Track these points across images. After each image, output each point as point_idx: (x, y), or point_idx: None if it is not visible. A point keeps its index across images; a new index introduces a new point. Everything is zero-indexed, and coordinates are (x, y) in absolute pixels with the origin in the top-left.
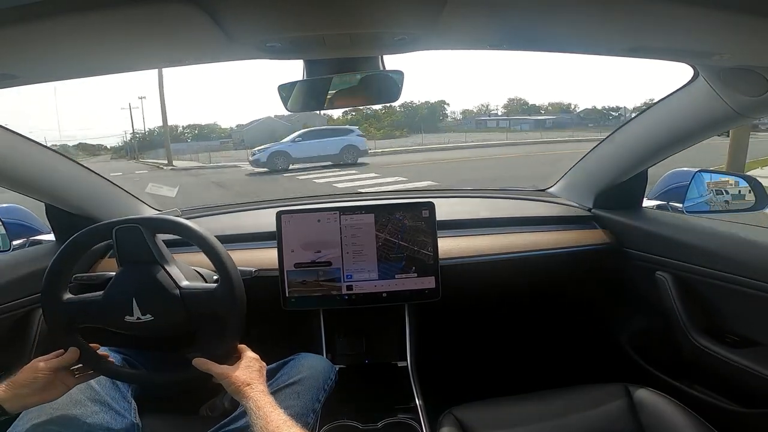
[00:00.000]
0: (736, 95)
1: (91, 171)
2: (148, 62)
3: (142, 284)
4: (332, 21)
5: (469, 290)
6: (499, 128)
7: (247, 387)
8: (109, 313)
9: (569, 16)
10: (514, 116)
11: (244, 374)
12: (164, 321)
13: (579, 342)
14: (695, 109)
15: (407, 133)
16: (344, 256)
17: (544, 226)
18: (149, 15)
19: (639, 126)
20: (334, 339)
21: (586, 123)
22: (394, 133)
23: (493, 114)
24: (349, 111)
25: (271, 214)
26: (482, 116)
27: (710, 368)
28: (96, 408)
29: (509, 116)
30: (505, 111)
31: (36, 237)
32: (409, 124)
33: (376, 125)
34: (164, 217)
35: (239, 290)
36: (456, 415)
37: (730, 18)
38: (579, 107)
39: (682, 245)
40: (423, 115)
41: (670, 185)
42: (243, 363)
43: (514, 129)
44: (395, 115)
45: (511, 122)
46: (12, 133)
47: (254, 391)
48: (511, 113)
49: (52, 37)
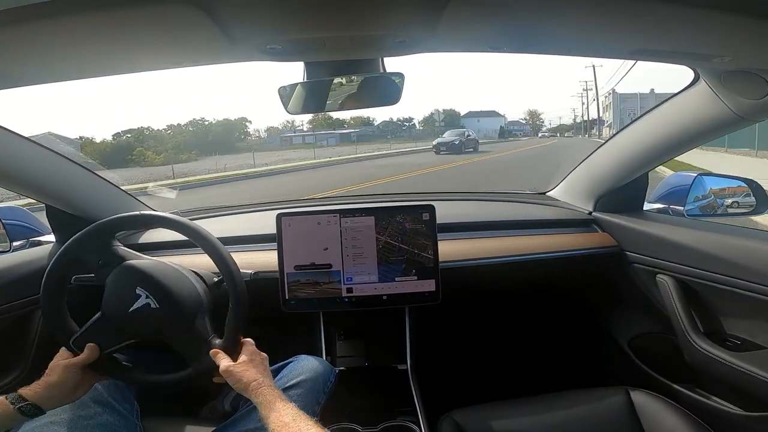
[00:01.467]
0: (737, 98)
1: (91, 172)
2: (148, 64)
3: (147, 271)
4: (333, 23)
5: (470, 293)
6: (305, 144)
7: (254, 383)
8: (110, 304)
9: (571, 18)
10: (320, 131)
11: (250, 372)
12: (169, 303)
13: (579, 345)
14: (696, 112)
15: (197, 156)
16: (344, 258)
17: (545, 230)
18: (150, 17)
19: (639, 129)
20: (334, 341)
21: (385, 135)
22: (180, 156)
23: (299, 130)
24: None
25: (271, 216)
26: (287, 132)
27: (711, 371)
28: (99, 409)
29: (315, 131)
30: (310, 126)
31: (36, 238)
32: (199, 144)
33: (155, 148)
34: (167, 216)
35: (241, 287)
36: (455, 419)
37: (731, 20)
38: (377, 120)
39: (683, 248)
40: (217, 133)
41: (671, 188)
42: (247, 359)
43: (320, 144)
44: (182, 135)
45: (317, 137)
46: (11, 134)
47: (262, 386)
48: (316, 128)
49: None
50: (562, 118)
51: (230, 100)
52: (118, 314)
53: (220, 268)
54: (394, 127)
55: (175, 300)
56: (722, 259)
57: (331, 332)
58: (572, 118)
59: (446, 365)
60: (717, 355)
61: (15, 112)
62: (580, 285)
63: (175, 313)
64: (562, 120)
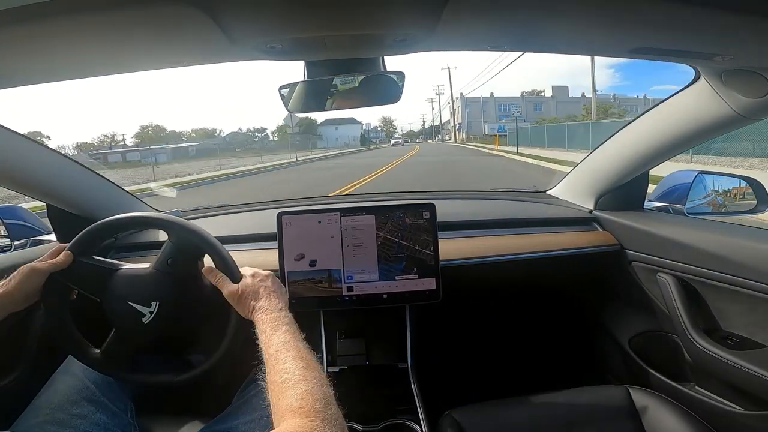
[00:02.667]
0: (738, 96)
1: (92, 171)
2: (148, 63)
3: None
4: (333, 22)
5: (470, 292)
6: (127, 162)
7: (253, 313)
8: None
9: (571, 17)
10: (147, 146)
11: (246, 301)
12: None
13: (579, 343)
14: (696, 110)
15: None
16: (345, 257)
17: (545, 228)
18: (151, 17)
19: (640, 127)
20: (334, 340)
21: (233, 147)
22: None
23: (121, 145)
24: None
25: (271, 215)
26: (101, 150)
27: (711, 370)
28: (93, 408)
29: (140, 146)
30: (137, 141)
31: (38, 237)
32: None
33: None
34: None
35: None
36: (455, 417)
37: (732, 19)
38: (225, 131)
39: (684, 247)
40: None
41: (671, 187)
42: (244, 282)
43: (146, 162)
44: None
45: (142, 153)
46: (13, 133)
47: (257, 312)
48: (144, 143)
49: (55, 38)
50: (412, 124)
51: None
52: (128, 327)
53: (220, 267)
54: (244, 138)
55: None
56: (723, 257)
57: (331, 331)
58: (422, 123)
59: (447, 364)
60: (717, 353)
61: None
62: (581, 283)
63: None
64: (412, 126)
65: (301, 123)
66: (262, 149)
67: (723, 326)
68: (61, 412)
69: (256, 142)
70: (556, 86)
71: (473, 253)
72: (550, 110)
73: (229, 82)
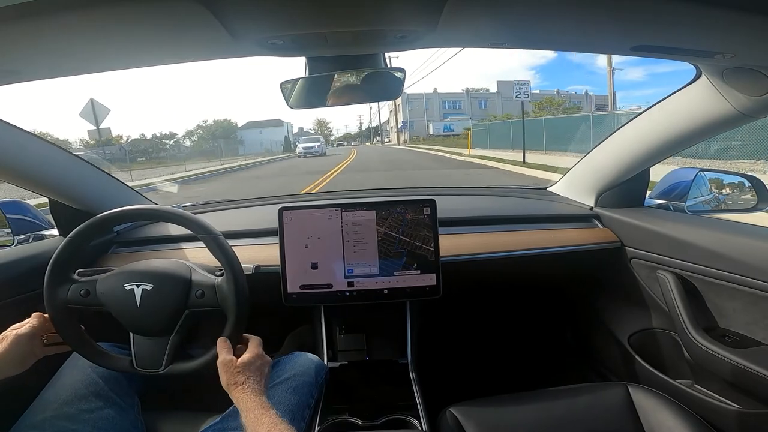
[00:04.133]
0: (739, 95)
1: (94, 166)
2: (149, 59)
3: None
4: (335, 18)
5: (470, 288)
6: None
7: (233, 386)
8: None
9: (572, 14)
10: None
11: (243, 374)
12: (166, 290)
13: (579, 340)
14: (697, 108)
15: None
16: (345, 252)
17: (546, 225)
18: (152, 12)
19: (641, 125)
20: (335, 335)
21: (135, 157)
22: None
23: None
24: None
25: (272, 210)
26: None
27: (710, 368)
28: (100, 403)
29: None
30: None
31: (40, 232)
32: None
33: None
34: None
35: (243, 282)
36: (455, 413)
37: (733, 17)
38: (129, 137)
39: (684, 244)
40: None
41: (672, 184)
42: (247, 360)
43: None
44: None
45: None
46: (14, 128)
47: (244, 391)
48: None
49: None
50: (348, 126)
51: None
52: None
53: (222, 261)
54: (149, 146)
55: (170, 291)
56: (723, 255)
57: (332, 326)
58: (358, 124)
59: (447, 359)
60: (716, 351)
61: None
62: (581, 280)
63: (171, 297)
64: (348, 128)
65: (218, 126)
66: (174, 158)
67: (722, 324)
68: (70, 406)
69: (167, 150)
70: (500, 81)
71: (474, 249)
72: (495, 107)
73: (122, 80)
